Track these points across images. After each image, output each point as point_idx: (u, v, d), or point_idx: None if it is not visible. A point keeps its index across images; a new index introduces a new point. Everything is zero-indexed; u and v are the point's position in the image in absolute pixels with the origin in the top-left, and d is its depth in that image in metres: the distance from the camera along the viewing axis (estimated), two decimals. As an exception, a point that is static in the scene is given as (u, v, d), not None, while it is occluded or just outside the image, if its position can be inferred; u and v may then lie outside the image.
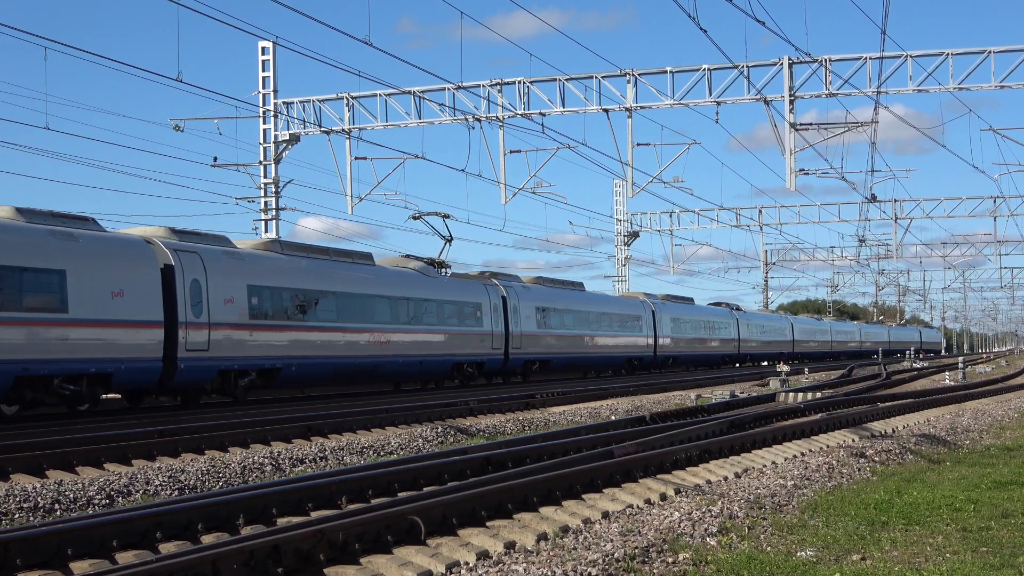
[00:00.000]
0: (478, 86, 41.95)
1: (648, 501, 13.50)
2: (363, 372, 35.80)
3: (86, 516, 11.53)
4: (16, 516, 12.99)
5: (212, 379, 29.46)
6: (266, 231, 45.22)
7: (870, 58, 38.34)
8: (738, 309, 79.22)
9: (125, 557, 9.84)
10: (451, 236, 42.01)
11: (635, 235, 78.21)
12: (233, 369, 29.94)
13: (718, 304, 78.68)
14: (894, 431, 23.57)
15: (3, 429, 21.33)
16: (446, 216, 41.63)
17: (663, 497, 13.83)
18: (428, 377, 40.28)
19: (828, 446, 20.08)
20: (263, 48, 44.46)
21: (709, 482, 15.32)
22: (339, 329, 34.15)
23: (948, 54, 38.00)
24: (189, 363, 28.14)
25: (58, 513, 13.34)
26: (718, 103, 40.18)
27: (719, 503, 13.10)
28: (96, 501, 14.10)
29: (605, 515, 12.40)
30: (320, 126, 44.15)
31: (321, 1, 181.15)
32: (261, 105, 44.44)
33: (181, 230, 30.23)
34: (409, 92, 42.44)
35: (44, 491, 13.99)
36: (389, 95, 42.74)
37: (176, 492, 15.09)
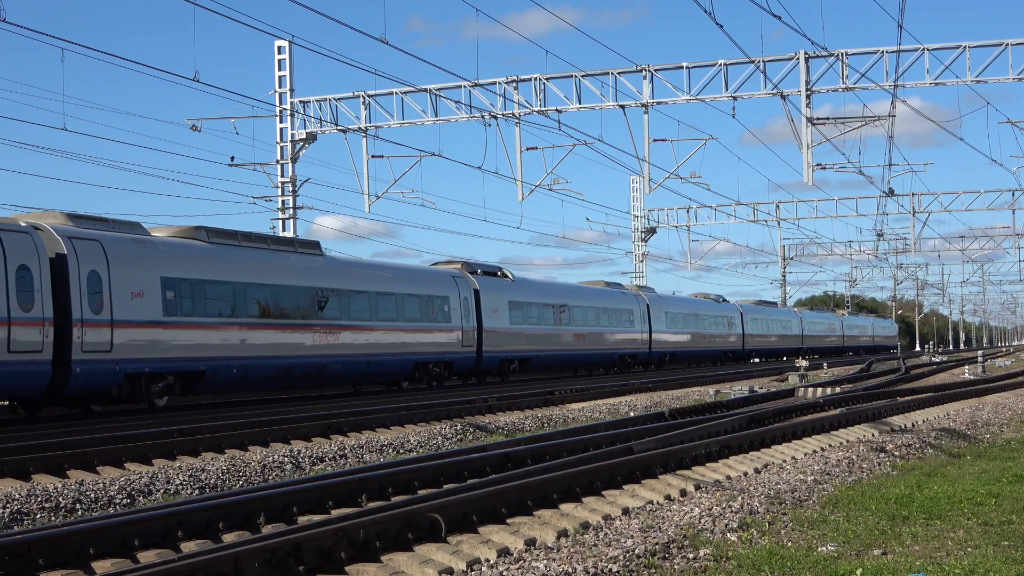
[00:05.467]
0: (494, 83, 41.92)
1: (668, 497, 13.49)
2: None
3: (107, 516, 11.55)
4: (38, 516, 13.04)
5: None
6: (283, 230, 45.28)
7: (887, 52, 38.22)
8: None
9: (147, 556, 9.87)
10: None
11: (652, 231, 78.10)
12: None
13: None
14: (914, 425, 23.50)
15: (26, 430, 21.44)
16: None
17: (683, 493, 13.83)
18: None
19: (848, 441, 20.04)
20: (279, 47, 44.50)
21: (729, 478, 15.30)
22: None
23: (965, 47, 37.85)
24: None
25: (79, 513, 13.38)
26: (734, 98, 40.12)
27: (739, 499, 13.09)
28: (117, 501, 14.14)
29: (625, 511, 12.40)
30: (337, 124, 44.19)
31: (336, 0, 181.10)
32: (278, 104, 44.49)
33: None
34: (425, 90, 42.41)
35: (65, 491, 14.04)
36: (405, 93, 42.74)
37: (197, 491, 15.13)
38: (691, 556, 10.18)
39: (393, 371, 36.95)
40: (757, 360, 77.29)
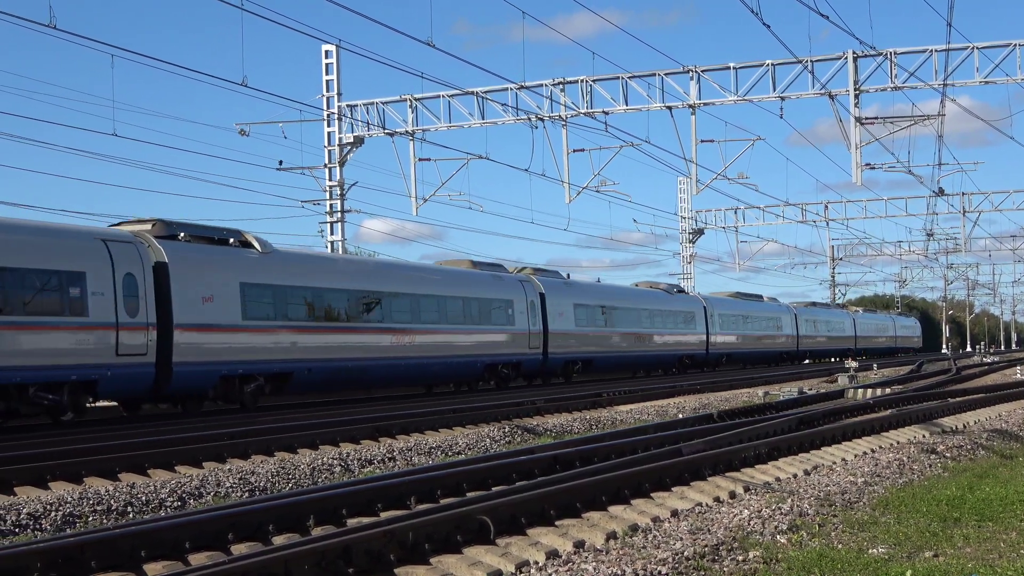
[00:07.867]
0: (541, 85, 41.98)
1: (717, 499, 13.45)
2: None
3: (159, 518, 11.65)
4: (90, 519, 13.15)
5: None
6: (331, 233, 45.53)
7: (936, 50, 37.95)
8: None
9: (198, 558, 9.93)
10: None
11: (700, 232, 77.93)
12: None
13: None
14: (965, 427, 23.30)
15: (76, 433, 21.65)
16: None
17: (732, 495, 13.78)
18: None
19: (898, 442, 19.90)
20: (327, 51, 44.74)
21: (778, 480, 15.23)
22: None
23: (1015, 45, 37.51)
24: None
25: (131, 515, 13.48)
26: (782, 98, 39.98)
27: (789, 501, 13.03)
28: (168, 503, 14.24)
29: (674, 513, 12.37)
30: (384, 128, 44.35)
31: (382, 3, 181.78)
32: (325, 108, 44.71)
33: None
34: (472, 93, 42.52)
35: (117, 494, 14.15)
36: (452, 96, 42.86)
37: (247, 494, 15.21)
38: (740, 558, 10.14)
39: None
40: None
